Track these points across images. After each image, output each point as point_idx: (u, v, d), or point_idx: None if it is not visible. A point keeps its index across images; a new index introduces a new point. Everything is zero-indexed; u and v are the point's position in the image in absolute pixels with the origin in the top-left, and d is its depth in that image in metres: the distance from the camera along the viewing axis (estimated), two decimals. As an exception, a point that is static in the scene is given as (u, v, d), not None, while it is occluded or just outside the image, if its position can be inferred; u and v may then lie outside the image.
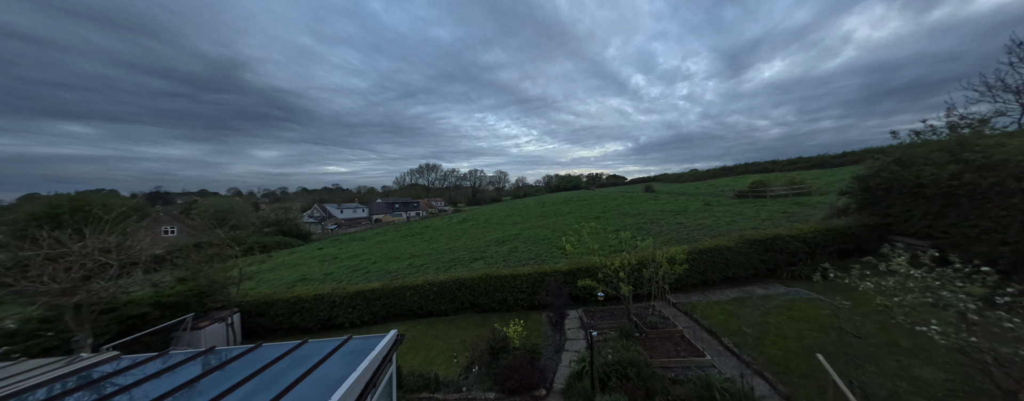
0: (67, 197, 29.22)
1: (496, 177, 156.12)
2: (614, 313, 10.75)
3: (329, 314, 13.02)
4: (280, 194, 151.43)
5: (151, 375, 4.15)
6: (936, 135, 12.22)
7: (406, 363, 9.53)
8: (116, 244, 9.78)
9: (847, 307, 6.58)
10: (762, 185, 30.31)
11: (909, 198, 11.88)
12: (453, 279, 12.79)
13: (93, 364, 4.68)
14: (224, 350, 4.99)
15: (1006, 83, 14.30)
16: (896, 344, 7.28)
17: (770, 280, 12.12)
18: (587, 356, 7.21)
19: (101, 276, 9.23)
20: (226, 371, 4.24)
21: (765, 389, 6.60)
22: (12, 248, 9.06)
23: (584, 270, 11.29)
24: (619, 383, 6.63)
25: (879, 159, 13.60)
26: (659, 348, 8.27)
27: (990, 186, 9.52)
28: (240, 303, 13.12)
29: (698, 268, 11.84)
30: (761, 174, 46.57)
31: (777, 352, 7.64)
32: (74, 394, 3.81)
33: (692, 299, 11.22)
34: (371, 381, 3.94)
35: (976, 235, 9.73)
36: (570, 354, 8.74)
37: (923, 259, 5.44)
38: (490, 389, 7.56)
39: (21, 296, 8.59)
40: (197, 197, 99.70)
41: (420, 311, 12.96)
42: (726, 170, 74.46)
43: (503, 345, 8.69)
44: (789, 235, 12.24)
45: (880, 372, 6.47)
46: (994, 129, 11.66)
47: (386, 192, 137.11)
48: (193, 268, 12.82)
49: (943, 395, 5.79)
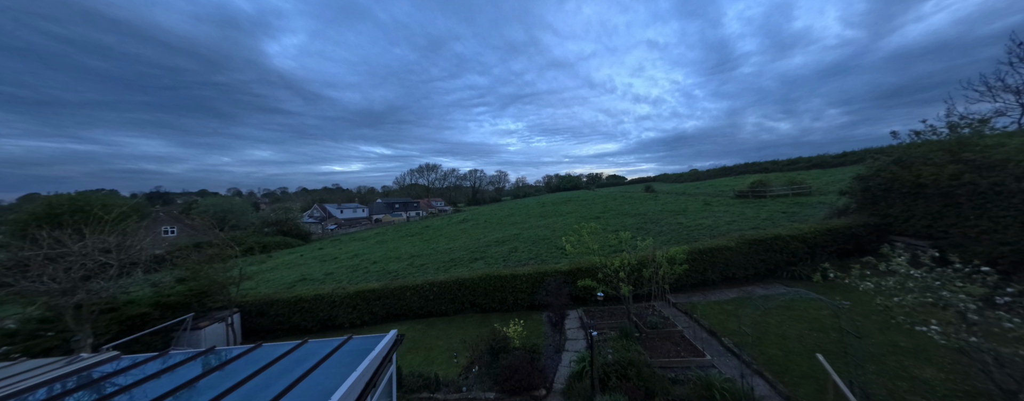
0: (67, 197, 29.26)
1: (496, 177, 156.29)
2: (614, 313, 10.75)
3: (329, 314, 13.02)
4: (280, 194, 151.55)
5: (151, 375, 4.14)
6: (936, 135, 12.22)
7: (406, 363, 9.53)
8: (116, 244, 9.79)
9: (847, 307, 6.58)
10: (762, 185, 30.31)
11: (909, 198, 11.88)
12: (453, 279, 12.80)
13: (93, 364, 4.68)
14: (224, 350, 4.98)
15: (1006, 83, 14.29)
16: (896, 344, 7.28)
17: (770, 280, 12.12)
18: (587, 356, 7.22)
19: (101, 276, 9.23)
20: (226, 371, 4.23)
21: (765, 389, 6.60)
22: (12, 248, 9.04)
23: (584, 270, 11.29)
24: (619, 383, 6.63)
25: (879, 159, 13.60)
26: (659, 348, 8.27)
27: (990, 186, 9.52)
28: (240, 303, 13.12)
29: (698, 268, 11.84)
30: (761, 174, 46.51)
31: (777, 352, 7.64)
32: (74, 394, 3.81)
33: (692, 299, 11.22)
34: (371, 381, 3.94)
35: (976, 235, 9.73)
36: (570, 354, 8.74)
37: (923, 259, 5.44)
38: (490, 389, 7.56)
39: (21, 296, 8.60)
40: (197, 197, 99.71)
41: (420, 311, 12.96)
42: (726, 170, 74.51)
43: (503, 345, 8.68)
44: (789, 235, 12.25)
45: (880, 372, 6.48)
46: (994, 129, 11.65)
47: (386, 192, 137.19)
48: (193, 268, 12.82)
49: (943, 395, 5.79)
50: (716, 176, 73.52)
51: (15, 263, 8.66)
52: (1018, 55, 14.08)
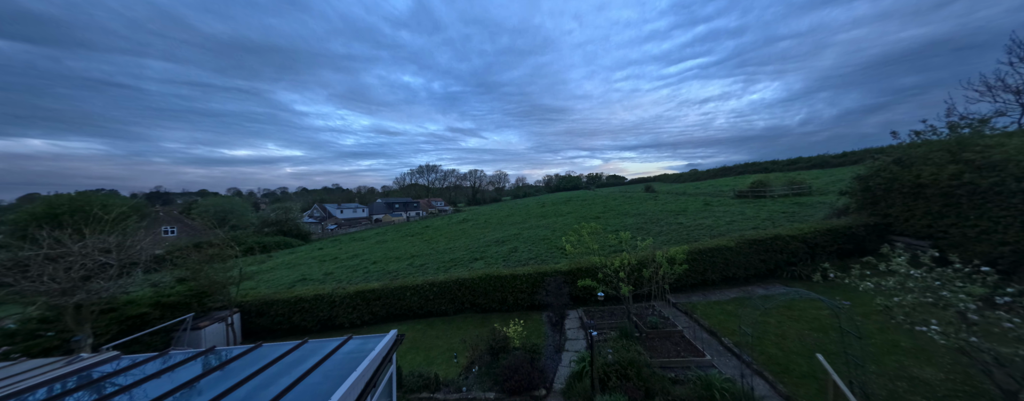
0: (67, 197, 29.25)
1: (496, 177, 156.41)
2: (614, 313, 10.75)
3: (329, 314, 13.02)
4: (280, 194, 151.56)
5: (151, 375, 4.14)
6: (936, 135, 12.21)
7: (406, 363, 9.53)
8: (116, 244, 9.78)
9: (847, 307, 6.58)
10: (762, 185, 30.33)
11: (909, 198, 11.88)
12: (453, 279, 12.79)
13: (93, 364, 4.68)
14: (224, 350, 4.98)
15: (1006, 83, 14.31)
16: (896, 344, 7.28)
17: (770, 280, 12.12)
18: (587, 356, 7.22)
19: (101, 276, 9.22)
20: (226, 371, 4.23)
21: (765, 389, 6.60)
22: (12, 248, 9.04)
23: (584, 270, 11.29)
24: (619, 383, 6.63)
25: (879, 159, 13.60)
26: (659, 348, 8.27)
27: (990, 186, 9.52)
28: (240, 303, 13.12)
29: (698, 268, 11.84)
30: (761, 174, 46.55)
31: (777, 352, 7.64)
32: (74, 394, 3.81)
33: (692, 299, 11.22)
34: (371, 381, 3.94)
35: (976, 235, 9.73)
36: (570, 354, 8.74)
37: (923, 259, 5.44)
38: (490, 389, 7.56)
39: (21, 296, 8.59)
40: (197, 197, 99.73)
41: (420, 311, 12.96)
42: (726, 170, 74.64)
43: (503, 345, 8.69)
44: (789, 235, 12.24)
45: (880, 372, 6.47)
46: (994, 129, 11.64)
47: (386, 192, 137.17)
48: (193, 268, 12.81)
49: (943, 395, 5.79)
50: (716, 176, 73.58)
51: (15, 263, 8.64)
52: (1018, 55, 14.10)
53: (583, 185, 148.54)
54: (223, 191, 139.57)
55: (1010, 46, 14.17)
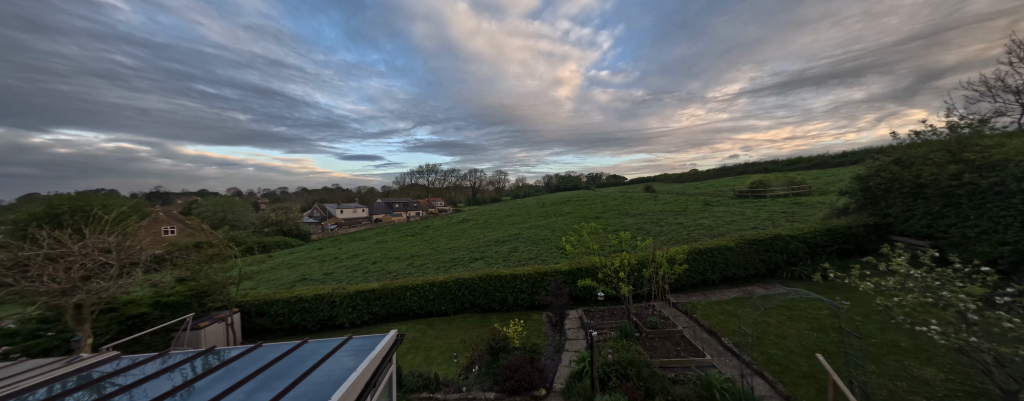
0: (67, 197, 29.12)
1: (496, 177, 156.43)
2: (614, 313, 10.75)
3: (329, 314, 13.02)
4: (280, 194, 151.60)
5: (151, 375, 4.14)
6: (936, 135, 12.22)
7: (406, 363, 9.53)
8: (116, 244, 9.78)
9: (847, 307, 6.58)
10: (762, 185, 30.37)
11: (909, 198, 11.88)
12: (453, 279, 12.79)
13: (93, 364, 4.68)
14: (224, 350, 4.98)
15: (1006, 83, 14.33)
16: (896, 344, 7.28)
17: (770, 280, 12.12)
18: (587, 356, 7.21)
19: (101, 276, 9.21)
20: (226, 371, 4.23)
21: (765, 389, 6.60)
22: (12, 248, 9.03)
23: (584, 270, 11.29)
24: (619, 383, 6.63)
25: (879, 159, 13.60)
26: (659, 348, 8.27)
27: (990, 186, 9.52)
28: (240, 303, 13.12)
29: (698, 268, 11.84)
30: (761, 174, 46.56)
31: (777, 352, 7.64)
32: (74, 394, 3.81)
33: (692, 299, 11.22)
34: (371, 381, 3.94)
35: (976, 235, 9.73)
36: (570, 354, 8.74)
37: (923, 259, 5.44)
38: (490, 389, 7.55)
39: (21, 296, 8.58)
40: (197, 197, 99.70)
41: (420, 311, 12.96)
42: (726, 170, 74.62)
43: (503, 345, 8.68)
44: (789, 235, 12.24)
45: (880, 372, 6.47)
46: (994, 129, 11.65)
47: (386, 192, 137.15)
48: (193, 268, 12.80)
49: (943, 395, 5.79)
50: (716, 176, 73.58)
51: (15, 263, 8.64)
52: (1018, 55, 14.11)
53: (583, 185, 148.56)
54: (223, 191, 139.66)
55: (1010, 46, 14.19)
